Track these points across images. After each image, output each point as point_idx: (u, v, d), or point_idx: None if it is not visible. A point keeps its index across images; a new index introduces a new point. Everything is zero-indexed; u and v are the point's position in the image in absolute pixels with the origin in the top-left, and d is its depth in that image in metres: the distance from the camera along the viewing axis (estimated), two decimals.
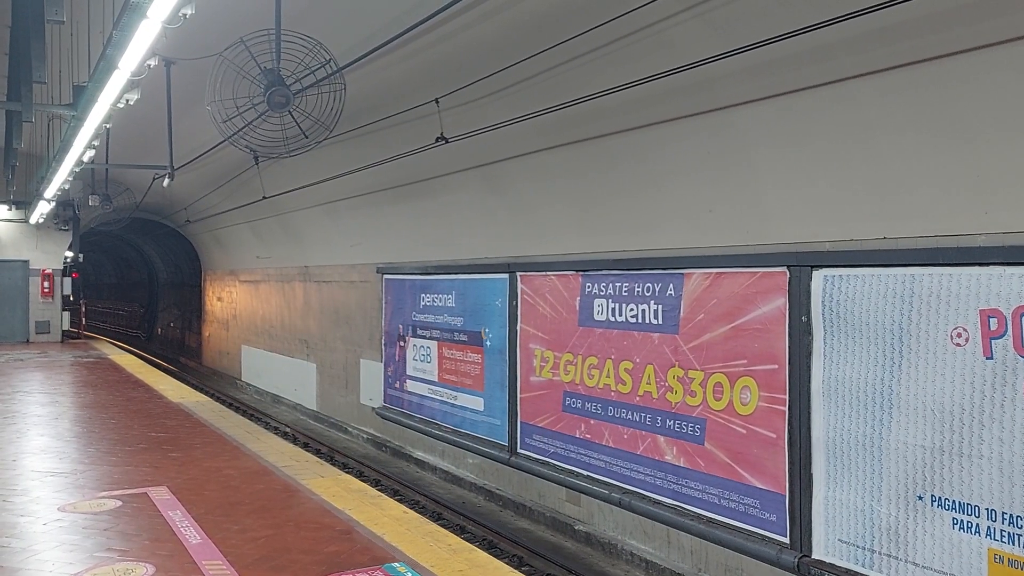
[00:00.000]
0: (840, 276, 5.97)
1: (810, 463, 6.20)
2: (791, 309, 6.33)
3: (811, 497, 6.20)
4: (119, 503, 6.53)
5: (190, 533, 5.76)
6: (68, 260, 23.17)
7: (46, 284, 22.35)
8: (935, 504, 5.37)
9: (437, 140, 8.45)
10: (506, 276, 9.94)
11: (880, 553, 5.71)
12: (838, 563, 5.99)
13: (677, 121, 6.95)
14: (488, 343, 10.41)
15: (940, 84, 5.06)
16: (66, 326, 23.22)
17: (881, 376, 5.70)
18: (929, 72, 5.06)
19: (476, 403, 10.68)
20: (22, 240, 22.17)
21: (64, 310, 23.10)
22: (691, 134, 6.94)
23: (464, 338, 10.93)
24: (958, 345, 5.24)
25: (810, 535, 6.20)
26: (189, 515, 6.19)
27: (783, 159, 6.33)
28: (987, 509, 5.09)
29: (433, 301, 11.71)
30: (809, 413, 6.20)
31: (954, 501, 5.26)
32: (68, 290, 23.20)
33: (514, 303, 9.80)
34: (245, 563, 5.15)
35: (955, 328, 5.25)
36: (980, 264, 5.11)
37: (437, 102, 8.34)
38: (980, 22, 4.64)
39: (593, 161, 8.17)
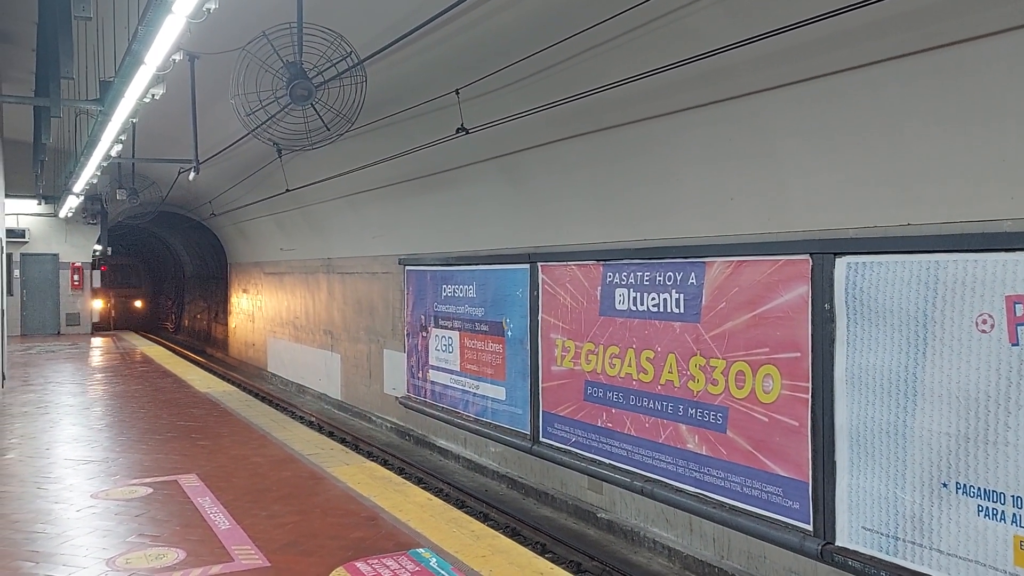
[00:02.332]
0: (863, 263, 5.94)
1: (833, 451, 6.19)
2: (814, 297, 6.31)
3: (834, 485, 6.19)
4: (150, 490, 6.65)
5: (219, 519, 5.86)
6: (97, 253, 23.50)
7: (75, 277, 22.68)
8: (960, 491, 5.35)
9: (457, 131, 8.48)
10: (527, 266, 9.97)
11: (904, 540, 5.70)
12: (862, 550, 5.99)
13: (697, 109, 6.94)
14: (509, 333, 10.46)
15: (964, 68, 5.02)
16: (96, 318, 23.57)
17: (905, 363, 5.68)
18: (953, 56, 5.02)
19: (498, 392, 10.74)
20: (52, 234, 22.50)
21: (93, 302, 23.47)
22: (712, 122, 6.93)
23: (485, 328, 10.98)
24: (983, 332, 5.21)
25: (833, 522, 6.20)
26: (218, 501, 6.30)
27: (805, 146, 6.30)
28: (1013, 496, 5.06)
29: (454, 292, 11.77)
30: (832, 401, 6.19)
31: (979, 488, 5.24)
32: (97, 283, 23.54)
33: (535, 293, 9.83)
34: (273, 548, 5.24)
35: (980, 315, 5.22)
36: (1006, 250, 5.07)
37: (457, 93, 8.37)
38: (1004, 5, 4.60)
39: (613, 150, 8.16)
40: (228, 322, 27.35)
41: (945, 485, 5.43)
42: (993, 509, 5.16)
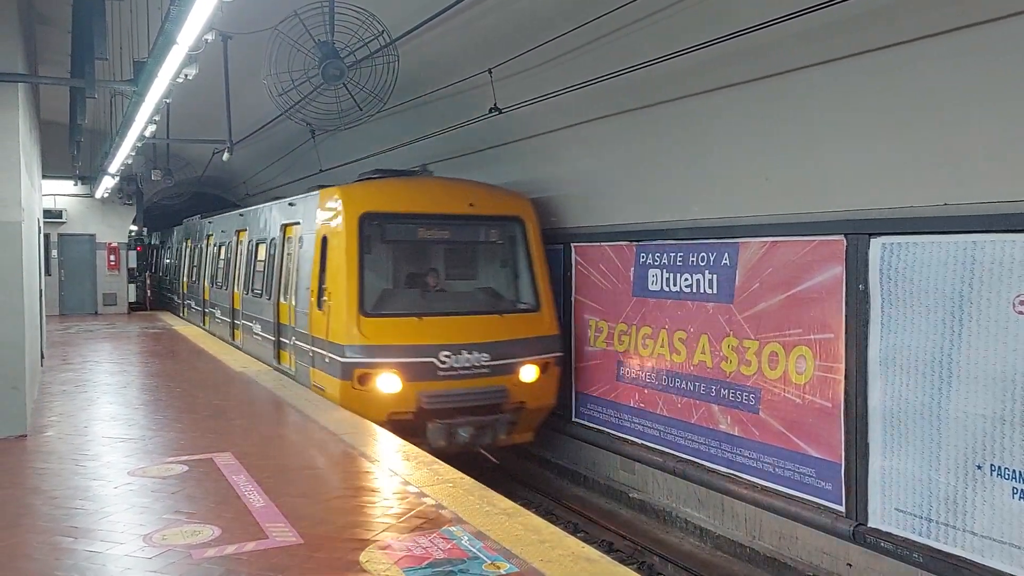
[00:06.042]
0: (899, 244, 5.86)
1: (867, 432, 6.14)
2: (848, 277, 6.24)
3: (867, 466, 6.14)
4: (186, 468, 6.75)
5: (254, 497, 5.93)
6: (133, 233, 23.81)
7: (112, 257, 22.99)
8: (995, 474, 5.28)
9: (490, 111, 8.45)
10: (560, 247, 9.94)
11: (938, 522, 5.64)
12: (895, 532, 5.95)
13: (732, 88, 6.85)
14: None
15: (1004, 47, 4.90)
16: (132, 298, 23.89)
17: (940, 345, 5.60)
18: (991, 35, 4.91)
19: None
20: (88, 214, 22.78)
21: (129, 282, 23.78)
22: (746, 101, 6.83)
23: None
24: (1021, 313, 5.12)
25: (866, 504, 6.16)
26: (252, 479, 6.37)
27: (841, 125, 6.20)
28: None
29: None
30: (866, 382, 6.13)
31: (1015, 471, 5.17)
32: (133, 263, 23.84)
33: (568, 274, 9.81)
34: (307, 525, 5.30)
35: (1018, 295, 5.13)
36: None
37: (490, 73, 8.33)
38: None
39: (647, 130, 8.09)
40: None
41: (980, 467, 5.37)
42: None
